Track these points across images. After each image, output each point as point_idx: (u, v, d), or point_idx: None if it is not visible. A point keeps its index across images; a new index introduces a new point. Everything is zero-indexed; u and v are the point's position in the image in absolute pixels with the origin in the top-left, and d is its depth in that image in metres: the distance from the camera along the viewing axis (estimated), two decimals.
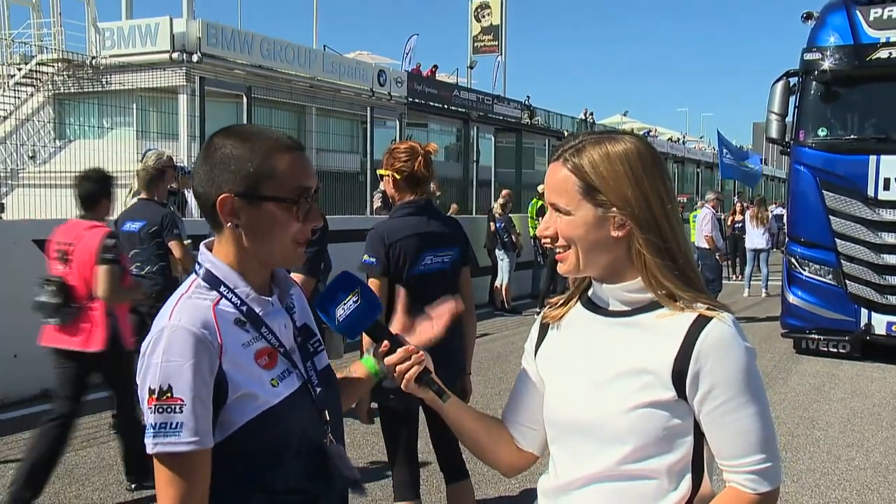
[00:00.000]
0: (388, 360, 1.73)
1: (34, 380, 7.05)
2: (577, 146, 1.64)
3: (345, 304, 1.69)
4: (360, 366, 1.90)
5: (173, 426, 1.47)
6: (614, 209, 1.59)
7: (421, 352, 1.74)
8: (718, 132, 18.76)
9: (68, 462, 5.50)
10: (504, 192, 14.43)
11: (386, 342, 1.73)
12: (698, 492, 1.59)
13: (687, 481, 1.58)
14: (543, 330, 1.80)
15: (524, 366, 1.84)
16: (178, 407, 1.47)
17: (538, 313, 1.99)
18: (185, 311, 1.54)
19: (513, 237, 13.30)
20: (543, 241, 1.70)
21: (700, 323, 1.54)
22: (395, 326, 1.82)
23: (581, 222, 1.60)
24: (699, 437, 1.57)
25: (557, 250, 1.67)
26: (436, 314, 1.85)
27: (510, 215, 13.66)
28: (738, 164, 17.93)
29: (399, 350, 1.73)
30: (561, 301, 1.79)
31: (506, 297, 13.37)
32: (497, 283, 13.53)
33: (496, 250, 13.34)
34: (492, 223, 13.38)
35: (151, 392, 1.49)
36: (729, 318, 1.56)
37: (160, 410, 1.48)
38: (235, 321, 1.57)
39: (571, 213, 1.61)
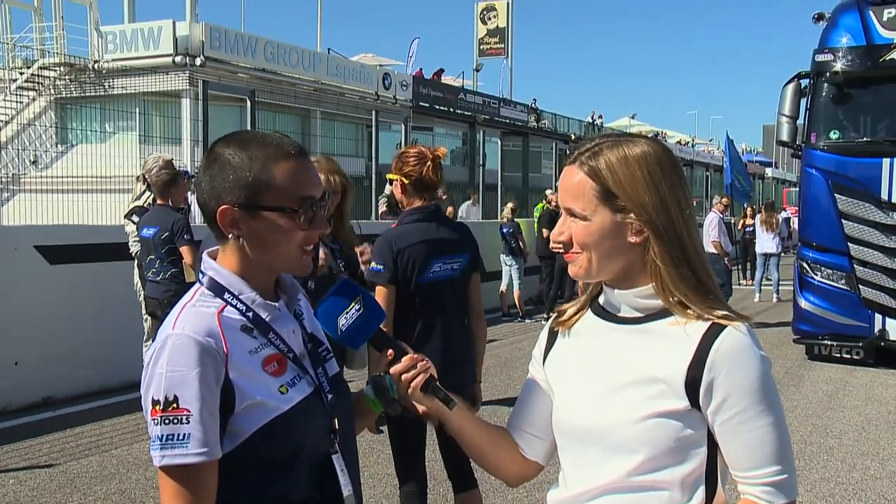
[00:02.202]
0: (394, 369, 1.69)
1: (36, 387, 6.99)
2: (594, 149, 1.58)
3: (346, 312, 1.65)
4: (360, 398, 1.85)
5: (180, 437, 1.44)
6: (632, 215, 1.54)
7: (426, 360, 1.70)
8: (728, 139, 18.61)
9: (70, 471, 5.47)
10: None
11: (390, 351, 1.70)
12: (712, 503, 1.55)
13: (700, 493, 1.53)
14: (552, 336, 1.75)
15: (532, 372, 1.79)
16: (184, 417, 1.44)
17: (546, 319, 1.92)
18: (188, 319, 1.51)
19: (520, 243, 13.17)
20: (555, 246, 1.65)
21: (714, 331, 1.50)
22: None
23: (597, 228, 1.55)
24: (713, 447, 1.53)
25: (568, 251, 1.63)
26: None
27: (517, 220, 13.55)
28: (736, 177, 17.64)
29: (404, 359, 1.69)
30: (571, 307, 1.74)
31: (518, 304, 13.24)
32: (502, 288, 13.43)
33: (503, 255, 13.24)
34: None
35: (156, 403, 1.45)
36: (743, 326, 1.52)
37: (166, 422, 1.45)
38: (242, 328, 1.54)
39: (588, 219, 1.56)
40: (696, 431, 1.52)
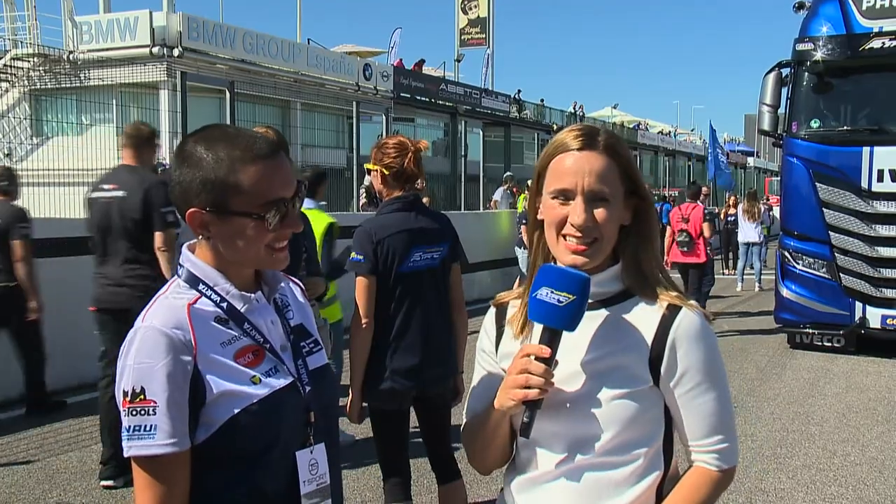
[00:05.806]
0: (535, 365, 1.54)
1: (13, 383, 6.89)
2: (608, 134, 1.63)
3: (565, 294, 1.52)
4: None
5: (147, 428, 1.46)
6: (636, 198, 1.64)
7: (553, 378, 1.56)
8: (711, 129, 18.63)
9: (49, 467, 5.41)
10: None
11: (549, 350, 1.55)
12: (668, 473, 1.64)
13: (660, 464, 1.62)
14: (500, 326, 1.76)
15: (486, 367, 1.78)
16: (151, 409, 1.46)
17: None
18: (157, 312, 1.53)
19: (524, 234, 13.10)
20: (574, 232, 1.58)
21: (672, 311, 1.60)
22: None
23: (617, 212, 1.60)
24: (669, 422, 1.63)
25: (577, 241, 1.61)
26: None
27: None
28: (723, 166, 17.59)
29: (547, 366, 1.55)
30: (511, 297, 1.76)
31: None
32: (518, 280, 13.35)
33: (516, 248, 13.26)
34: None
35: (125, 394, 1.47)
36: (696, 306, 1.63)
37: (133, 413, 1.47)
38: (216, 319, 1.55)
39: (612, 203, 1.59)
40: (658, 408, 1.61)
